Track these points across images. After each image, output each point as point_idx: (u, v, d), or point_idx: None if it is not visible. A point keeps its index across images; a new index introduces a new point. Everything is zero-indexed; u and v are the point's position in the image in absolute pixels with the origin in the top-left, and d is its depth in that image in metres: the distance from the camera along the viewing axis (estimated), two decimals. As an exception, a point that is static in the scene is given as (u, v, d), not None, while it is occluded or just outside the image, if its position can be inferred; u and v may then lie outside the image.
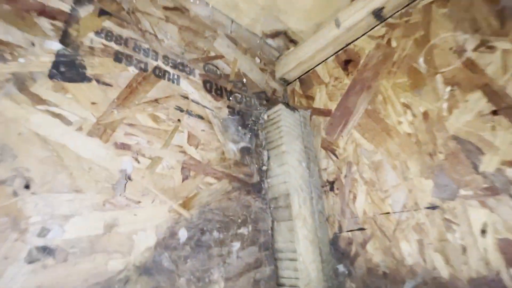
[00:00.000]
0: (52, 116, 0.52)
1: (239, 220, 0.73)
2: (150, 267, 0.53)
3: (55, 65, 0.56)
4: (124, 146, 0.59)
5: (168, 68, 0.76)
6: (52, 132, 0.51)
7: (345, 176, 0.84)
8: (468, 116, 0.62)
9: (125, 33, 0.70)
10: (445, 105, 0.66)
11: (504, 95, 0.58)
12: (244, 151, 0.85)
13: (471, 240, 0.56)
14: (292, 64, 1.07)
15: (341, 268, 0.76)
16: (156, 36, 0.77)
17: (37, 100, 0.51)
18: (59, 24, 0.59)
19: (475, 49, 0.64)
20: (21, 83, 0.50)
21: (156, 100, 0.69)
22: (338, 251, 0.79)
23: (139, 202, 0.57)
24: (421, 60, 0.73)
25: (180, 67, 0.79)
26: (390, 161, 0.74)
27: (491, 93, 0.60)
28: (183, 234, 0.60)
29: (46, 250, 0.44)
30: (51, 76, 0.54)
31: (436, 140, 0.66)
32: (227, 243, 0.67)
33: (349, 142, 0.85)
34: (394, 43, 0.81)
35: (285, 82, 1.15)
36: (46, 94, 0.52)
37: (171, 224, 0.60)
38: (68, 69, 0.57)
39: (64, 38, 0.59)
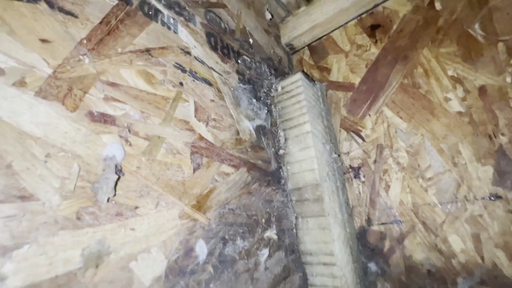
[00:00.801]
0: (-40, 55, 0.27)
1: (263, 220, 0.56)
2: (162, 310, 0.34)
3: (-40, -41, 0.29)
4: (105, 119, 0.36)
5: (160, 7, 0.52)
6: (-38, 85, 0.26)
7: (375, 161, 0.72)
8: (538, 93, 0.53)
9: None
10: (509, 79, 0.57)
11: None
12: (259, 130, 0.66)
13: (545, 236, 0.49)
14: (303, 26, 0.89)
15: (373, 267, 0.66)
16: (139, -45, 0.51)
17: None
18: None
19: (547, 14, 0.54)
20: None
21: (148, 51, 0.46)
22: (366, 247, 0.69)
23: (136, 207, 0.36)
24: (477, 25, 0.62)
25: (177, 9, 0.55)
26: (435, 144, 0.63)
27: None
28: (201, 249, 0.41)
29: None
30: (-49, -22, 0.28)
31: (498, 120, 0.57)
32: (253, 252, 0.51)
33: (379, 122, 0.73)
34: (438, 5, 0.68)
35: (291, 50, 0.97)
36: None
37: (185, 237, 0.40)
38: (-11, -27, 0.31)
39: None
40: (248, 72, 0.71)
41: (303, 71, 0.75)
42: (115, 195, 0.33)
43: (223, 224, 0.47)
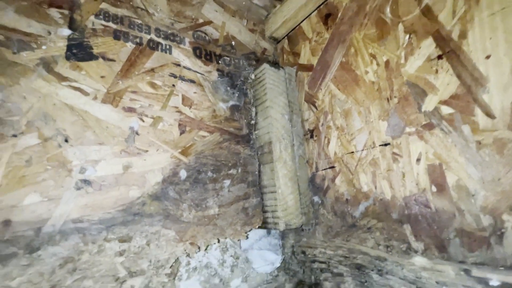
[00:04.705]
0: (74, 90, 0.69)
1: (230, 164, 0.90)
2: (159, 195, 0.74)
3: (69, 48, 0.71)
4: (130, 109, 0.76)
5: (160, 40, 0.88)
6: (76, 102, 0.68)
7: (322, 124, 0.95)
8: (419, 61, 0.69)
9: (120, 12, 0.82)
10: (403, 53, 0.73)
11: (450, 40, 0.63)
12: (234, 108, 0.98)
13: (409, 168, 0.68)
14: (279, 22, 1.13)
15: (316, 199, 0.93)
16: (147, 11, 0.88)
17: (61, 78, 0.68)
18: (65, 12, 0.73)
19: (432, -5, 0.67)
20: (47, 65, 0.67)
21: (152, 70, 0.83)
22: (314, 186, 0.95)
23: (147, 151, 0.75)
24: (388, 9, 0.77)
25: (171, 38, 0.91)
26: (356, 108, 0.84)
27: (440, 38, 0.65)
28: (183, 174, 0.79)
29: (86, 182, 0.64)
30: (67, 58, 0.70)
31: (393, 86, 0.74)
32: (220, 180, 0.86)
33: (326, 94, 0.95)
34: (366, -7, 0.84)
35: (275, 41, 1.21)
36: (66, 73, 0.69)
37: (173, 167, 0.79)
38: (79, 50, 0.72)
39: (71, 24, 0.73)
40: (227, 68, 1.02)
41: (268, 61, 1.02)
42: (135, 144, 0.73)
43: (199, 164, 0.84)
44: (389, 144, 0.74)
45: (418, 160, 0.67)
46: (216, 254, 0.92)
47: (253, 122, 1.01)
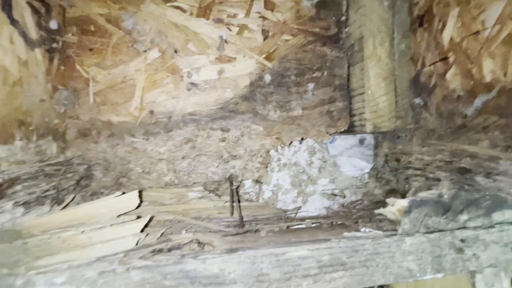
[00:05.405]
0: (175, 9, 0.82)
1: (314, 67, 0.88)
2: (248, 97, 0.85)
3: (167, -30, 0.82)
4: (219, 20, 0.84)
5: None
6: (178, 19, 0.82)
7: (438, 3, 0.73)
8: None
9: None
10: None
11: None
12: (320, 4, 0.89)
13: None
14: None
15: (417, 101, 0.80)
16: None
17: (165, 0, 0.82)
18: None
19: None
20: (155, -10, 0.81)
21: (234, -24, 0.85)
22: (417, 87, 0.80)
23: (235, 58, 0.85)
24: None
25: None
26: (495, -38, 0.58)
27: None
28: (268, 78, 0.86)
29: (194, 85, 0.82)
30: (167, -19, 0.82)
31: None
32: (303, 84, 0.87)
33: (448, -45, 0.69)
34: None
35: None
36: (168, -6, 0.82)
37: (259, 72, 0.86)
38: (174, -29, 0.82)
39: None
40: (312, -43, 0.89)
41: None
42: (225, 52, 0.83)
43: (282, 68, 0.87)
44: (542, 4, 0.50)
45: None
46: (304, 155, 1.01)
47: (343, 18, 0.90)
